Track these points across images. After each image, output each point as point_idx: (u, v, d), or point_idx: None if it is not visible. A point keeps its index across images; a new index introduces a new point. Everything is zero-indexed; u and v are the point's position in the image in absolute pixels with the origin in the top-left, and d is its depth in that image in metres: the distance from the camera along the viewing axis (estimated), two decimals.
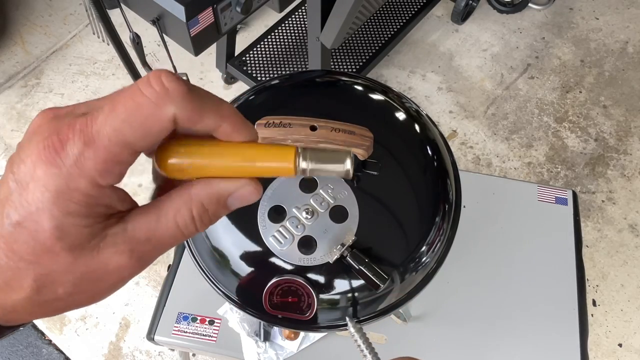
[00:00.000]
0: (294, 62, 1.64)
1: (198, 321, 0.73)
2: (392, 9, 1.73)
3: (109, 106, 0.21)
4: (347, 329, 0.47)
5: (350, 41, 1.67)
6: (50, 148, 0.21)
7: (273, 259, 0.46)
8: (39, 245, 0.21)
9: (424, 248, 0.49)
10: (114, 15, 0.99)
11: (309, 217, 0.46)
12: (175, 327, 0.73)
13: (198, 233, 0.25)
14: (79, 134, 0.21)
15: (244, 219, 0.48)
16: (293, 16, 1.72)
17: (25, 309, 0.23)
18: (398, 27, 1.70)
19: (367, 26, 1.70)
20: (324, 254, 0.45)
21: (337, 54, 1.65)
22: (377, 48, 1.65)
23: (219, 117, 0.23)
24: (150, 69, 1.06)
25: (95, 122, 0.21)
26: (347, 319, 0.32)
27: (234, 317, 0.72)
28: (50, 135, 0.21)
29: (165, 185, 0.26)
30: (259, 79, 1.59)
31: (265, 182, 0.48)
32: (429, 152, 0.52)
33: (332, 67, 1.60)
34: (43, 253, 0.21)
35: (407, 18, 1.72)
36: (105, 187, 0.22)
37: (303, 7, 1.73)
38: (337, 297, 0.47)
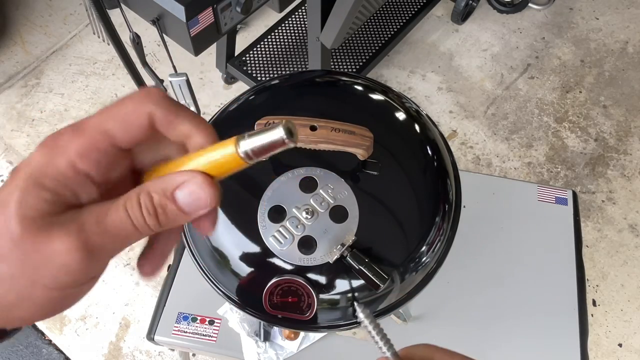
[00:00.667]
0: (294, 62, 1.64)
1: (198, 321, 0.73)
2: (392, 9, 1.73)
3: (103, 109, 0.25)
4: (348, 328, 0.47)
5: (350, 41, 1.67)
6: (51, 136, 0.24)
7: (273, 259, 0.46)
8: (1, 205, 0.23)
9: (424, 248, 0.49)
10: (114, 15, 0.99)
11: (309, 217, 0.46)
12: (175, 327, 0.73)
13: (150, 229, 0.25)
14: (73, 125, 0.24)
15: (244, 219, 0.48)
16: (293, 16, 1.72)
17: None
18: (398, 27, 1.70)
19: (367, 26, 1.70)
20: (324, 254, 0.45)
21: (337, 54, 1.65)
22: (377, 48, 1.65)
23: (193, 125, 0.25)
24: (150, 68, 1.06)
25: (89, 117, 0.25)
26: (356, 305, 0.31)
27: (234, 317, 0.72)
28: (57, 131, 0.25)
29: None
30: (259, 79, 1.59)
31: (264, 183, 0.48)
32: (429, 152, 0.52)
33: (332, 67, 1.60)
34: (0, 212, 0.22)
35: (407, 18, 1.72)
36: (80, 172, 0.23)
37: (303, 7, 1.73)
38: (337, 297, 0.47)
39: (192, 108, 1.08)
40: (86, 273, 0.24)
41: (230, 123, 0.54)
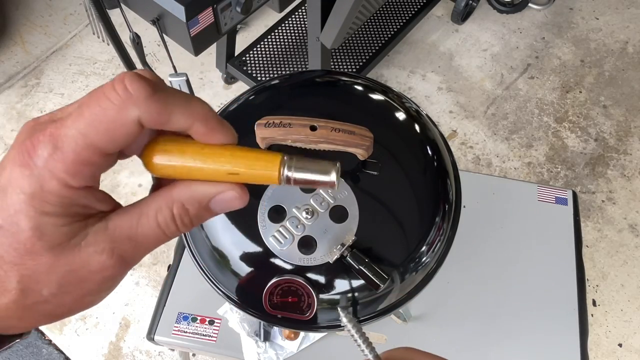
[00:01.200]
0: (294, 62, 1.64)
1: (198, 321, 0.73)
2: (392, 9, 1.73)
3: (77, 111, 0.21)
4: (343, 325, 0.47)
5: (350, 41, 1.67)
6: (24, 151, 0.21)
7: (273, 259, 0.46)
8: (21, 246, 0.22)
9: (424, 248, 0.49)
10: (114, 15, 0.99)
11: (309, 217, 0.46)
12: (175, 327, 0.73)
13: (180, 234, 0.25)
14: (49, 137, 0.21)
15: (244, 219, 0.48)
16: (293, 16, 1.72)
17: (14, 313, 0.23)
18: (398, 27, 1.70)
19: (367, 26, 1.70)
20: (324, 254, 0.45)
21: (337, 54, 1.65)
22: (377, 48, 1.65)
23: (189, 117, 0.23)
24: (150, 68, 1.05)
25: (64, 125, 0.21)
26: (339, 310, 0.32)
27: (234, 317, 0.72)
28: (25, 140, 0.22)
29: (161, 183, 0.26)
30: (259, 79, 1.59)
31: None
32: (429, 152, 0.52)
33: (332, 67, 1.60)
34: (25, 254, 0.22)
35: (407, 18, 1.72)
36: (79, 188, 0.22)
37: (303, 7, 1.73)
38: (337, 297, 0.47)
39: None
40: (121, 279, 0.25)
41: (230, 123, 0.54)
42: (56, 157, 0.21)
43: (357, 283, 0.47)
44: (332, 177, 0.23)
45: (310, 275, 0.46)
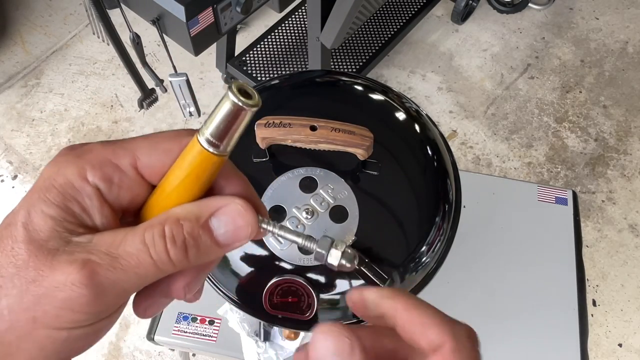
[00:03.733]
0: (294, 62, 1.64)
1: (198, 321, 0.73)
2: (392, 9, 1.73)
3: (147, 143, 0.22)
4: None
5: (350, 41, 1.67)
6: (74, 145, 0.22)
7: (273, 259, 0.46)
8: (6, 229, 0.20)
9: (424, 248, 0.49)
10: (114, 15, 0.99)
11: (309, 217, 0.46)
12: (175, 327, 0.73)
13: (172, 263, 0.21)
14: (106, 142, 0.22)
15: None
16: (293, 16, 1.72)
17: None
18: (398, 27, 1.70)
19: (367, 26, 1.70)
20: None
21: (337, 54, 1.65)
22: (377, 48, 1.65)
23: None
24: (150, 68, 1.06)
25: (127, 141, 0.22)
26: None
27: (234, 317, 0.72)
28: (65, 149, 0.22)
29: None
30: (259, 79, 1.59)
31: (264, 183, 0.48)
32: (429, 152, 0.52)
33: (332, 67, 1.60)
34: (5, 238, 0.20)
35: (407, 18, 1.72)
36: (90, 183, 0.21)
37: (303, 7, 1.73)
38: (337, 297, 0.47)
39: (192, 108, 1.08)
40: (94, 312, 0.20)
41: None
42: (93, 151, 0.22)
43: (357, 283, 0.47)
44: (231, 97, 0.20)
45: (310, 275, 0.46)
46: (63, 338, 0.20)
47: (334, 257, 0.25)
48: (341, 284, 0.47)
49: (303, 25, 1.71)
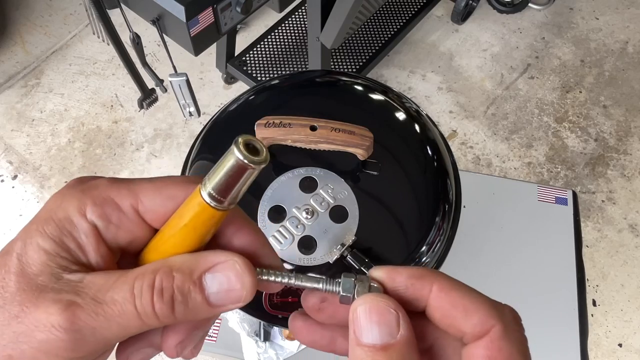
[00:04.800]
0: (294, 62, 1.64)
1: None
2: (392, 9, 1.73)
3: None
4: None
5: (350, 41, 1.67)
6: (85, 177, 0.22)
7: None
8: (2, 258, 0.19)
9: (424, 248, 0.49)
10: (114, 15, 0.99)
11: (309, 217, 0.46)
12: None
13: (158, 320, 0.19)
14: (113, 179, 0.22)
15: None
16: (293, 16, 1.72)
17: None
18: (398, 27, 1.70)
19: (367, 26, 1.70)
20: (324, 254, 0.45)
21: (337, 54, 1.65)
22: (377, 48, 1.65)
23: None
24: (150, 68, 1.06)
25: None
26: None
27: (233, 317, 0.72)
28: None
29: None
30: (259, 79, 1.59)
31: (264, 183, 0.48)
32: (429, 152, 0.52)
33: (332, 67, 1.60)
34: (1, 266, 0.19)
35: (407, 18, 1.72)
36: (88, 220, 0.20)
37: (303, 7, 1.73)
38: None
39: (192, 108, 1.08)
40: (72, 358, 0.18)
41: (230, 123, 0.54)
42: (100, 187, 0.21)
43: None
44: (234, 152, 0.19)
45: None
46: None
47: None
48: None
49: (303, 25, 1.71)
